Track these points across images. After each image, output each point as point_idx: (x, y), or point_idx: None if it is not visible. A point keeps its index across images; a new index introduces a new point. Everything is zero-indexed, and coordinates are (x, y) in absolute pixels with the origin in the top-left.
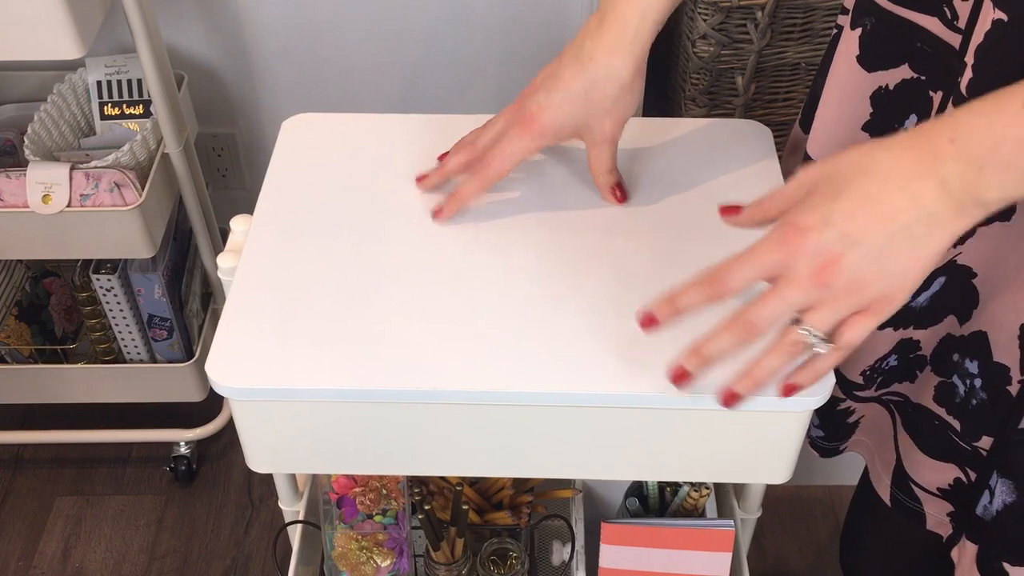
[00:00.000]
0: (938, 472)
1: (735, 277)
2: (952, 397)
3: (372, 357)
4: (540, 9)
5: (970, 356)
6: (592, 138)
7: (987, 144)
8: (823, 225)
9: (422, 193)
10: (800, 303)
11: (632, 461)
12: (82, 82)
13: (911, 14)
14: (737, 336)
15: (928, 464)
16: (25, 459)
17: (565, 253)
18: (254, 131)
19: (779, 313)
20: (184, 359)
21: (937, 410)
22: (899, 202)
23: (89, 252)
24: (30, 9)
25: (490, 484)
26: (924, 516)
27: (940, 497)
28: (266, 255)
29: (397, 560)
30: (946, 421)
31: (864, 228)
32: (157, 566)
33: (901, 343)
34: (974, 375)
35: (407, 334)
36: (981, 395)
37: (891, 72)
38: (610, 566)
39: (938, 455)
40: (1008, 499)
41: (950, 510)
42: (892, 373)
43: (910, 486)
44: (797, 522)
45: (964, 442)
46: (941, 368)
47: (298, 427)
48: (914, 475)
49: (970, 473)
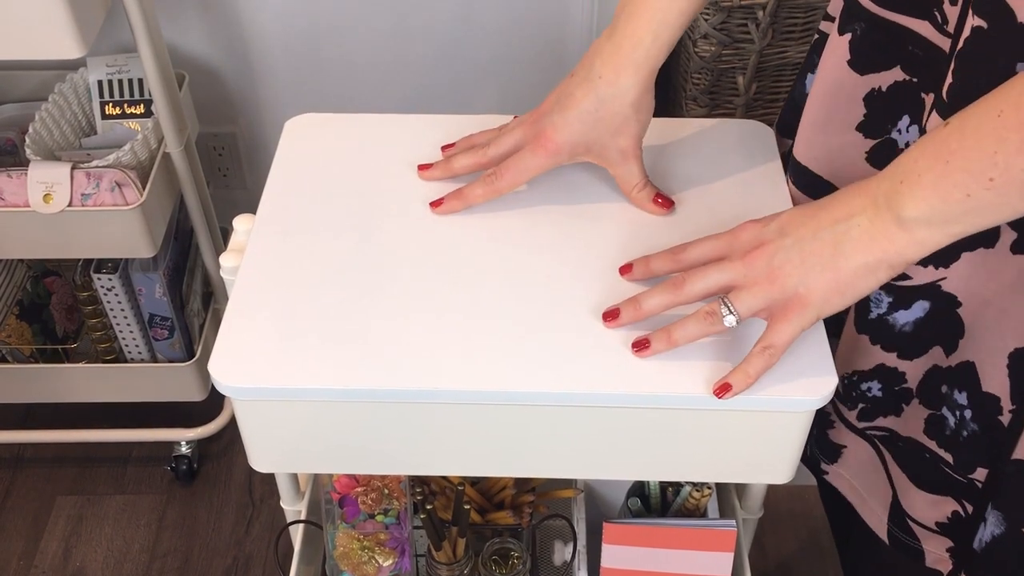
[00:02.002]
0: (935, 507)
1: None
2: (943, 429)
3: (375, 357)
4: (541, 9)
5: (958, 387)
6: (610, 158)
7: (909, 156)
8: (768, 220)
9: (424, 193)
10: (727, 280)
11: (634, 461)
12: (83, 81)
13: (902, 18)
14: (669, 294)
15: (924, 499)
16: (26, 458)
17: (566, 253)
18: (255, 130)
19: (708, 283)
20: (185, 359)
21: (928, 443)
22: (835, 210)
23: (90, 251)
24: (31, 9)
25: (492, 484)
26: (923, 553)
27: (939, 533)
28: (268, 255)
29: (399, 560)
30: (937, 454)
31: (798, 225)
32: (158, 566)
33: (883, 369)
34: (963, 406)
35: (409, 334)
36: (972, 426)
37: (883, 74)
38: (612, 566)
39: (933, 489)
40: (996, 531)
41: (949, 545)
42: (876, 404)
43: (907, 523)
44: (799, 522)
45: (958, 475)
46: (930, 400)
47: (300, 427)
48: (911, 511)
49: (967, 506)
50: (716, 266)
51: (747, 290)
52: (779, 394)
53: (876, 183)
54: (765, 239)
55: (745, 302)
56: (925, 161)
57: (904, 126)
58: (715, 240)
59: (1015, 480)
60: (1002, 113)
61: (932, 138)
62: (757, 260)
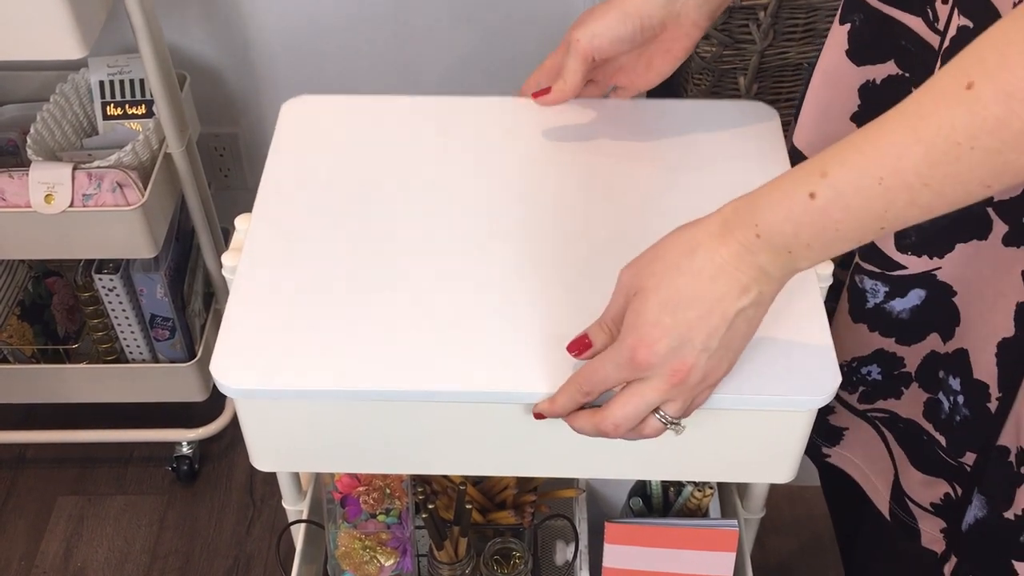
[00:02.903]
0: (929, 487)
1: (598, 388)
2: (939, 413)
3: (376, 356)
4: (541, 3)
5: (953, 373)
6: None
7: (788, 233)
8: (665, 335)
9: (426, 177)
10: (658, 402)
11: (636, 460)
12: (84, 82)
13: (897, 13)
14: (595, 430)
15: (920, 479)
16: (27, 459)
17: (569, 250)
18: (256, 131)
19: (639, 413)
20: (186, 359)
21: (925, 425)
22: (730, 295)
23: (91, 252)
24: (32, 9)
25: (494, 483)
26: (919, 533)
27: (933, 513)
28: (268, 252)
29: (400, 559)
30: (933, 437)
31: (708, 332)
32: (159, 566)
33: (882, 354)
34: (957, 392)
35: (411, 333)
36: (964, 411)
37: (878, 67)
38: (614, 566)
39: (928, 470)
40: (980, 513)
41: (943, 526)
42: (876, 387)
43: (906, 502)
44: (800, 522)
45: (950, 457)
46: (928, 385)
47: (302, 426)
48: (908, 491)
49: (957, 488)
50: (639, 396)
51: (681, 399)
52: (781, 393)
53: (751, 254)
54: (685, 360)
55: (681, 408)
56: (808, 233)
57: None
58: (614, 361)
59: (998, 465)
60: (883, 180)
61: (808, 208)
62: (688, 379)
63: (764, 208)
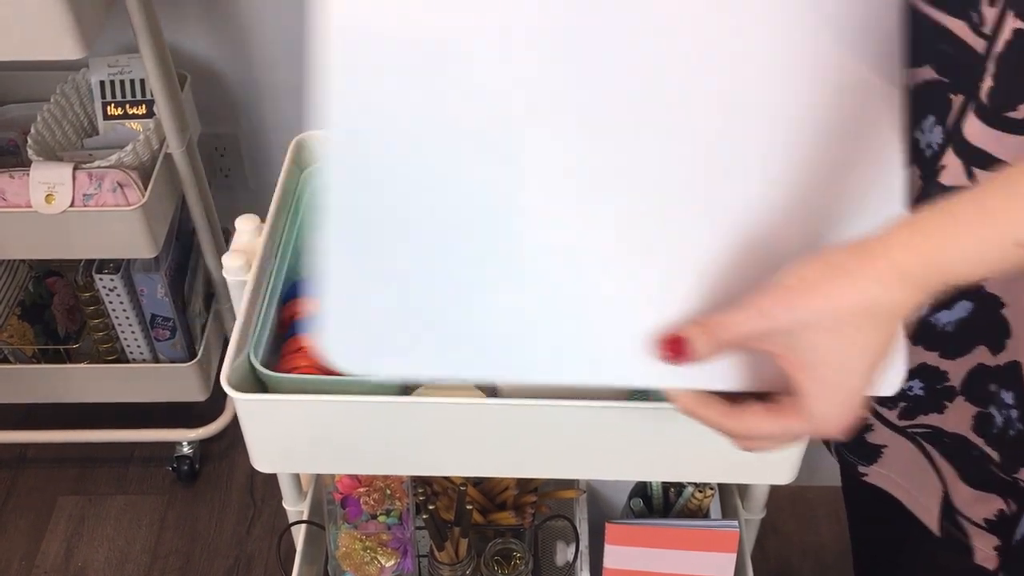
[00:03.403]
0: (982, 503)
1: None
2: (990, 428)
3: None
4: None
5: (1005, 387)
6: None
7: (976, 276)
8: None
9: None
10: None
11: (636, 461)
12: (85, 82)
13: (938, 14)
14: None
15: (971, 495)
16: (28, 458)
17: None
18: (257, 131)
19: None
20: (186, 359)
21: (975, 440)
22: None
23: (92, 252)
24: (33, 9)
25: (494, 484)
26: (972, 550)
27: (986, 530)
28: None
29: (401, 560)
30: (985, 452)
31: (854, 365)
32: (160, 566)
33: (924, 369)
34: (1011, 406)
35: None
36: (1018, 426)
37: (915, 71)
38: (614, 566)
39: (980, 485)
40: None
41: (996, 543)
42: (918, 403)
43: (957, 518)
44: (801, 523)
45: (1004, 473)
46: (978, 398)
47: (303, 427)
48: (960, 506)
49: (1011, 504)
50: (790, 438)
51: None
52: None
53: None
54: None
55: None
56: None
57: (928, 126)
58: (788, 434)
59: None
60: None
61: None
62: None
63: (958, 263)
